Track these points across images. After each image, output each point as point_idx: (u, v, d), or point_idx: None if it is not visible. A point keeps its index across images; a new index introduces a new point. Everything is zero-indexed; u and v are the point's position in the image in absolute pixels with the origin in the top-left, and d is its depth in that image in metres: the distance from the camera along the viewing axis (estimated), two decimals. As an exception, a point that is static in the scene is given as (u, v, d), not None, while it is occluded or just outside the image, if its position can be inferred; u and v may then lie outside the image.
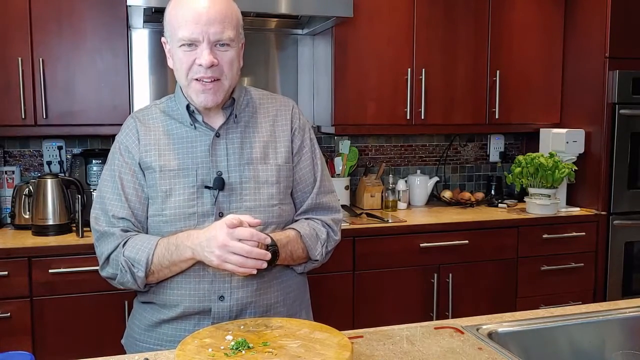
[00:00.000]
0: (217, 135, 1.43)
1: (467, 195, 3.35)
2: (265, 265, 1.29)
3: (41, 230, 2.56)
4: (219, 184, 1.39)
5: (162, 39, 1.45)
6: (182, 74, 1.38)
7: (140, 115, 1.49)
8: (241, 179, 1.42)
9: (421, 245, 2.83)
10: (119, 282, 1.41)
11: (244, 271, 1.28)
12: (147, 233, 1.45)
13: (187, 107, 1.43)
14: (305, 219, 1.53)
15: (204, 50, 1.33)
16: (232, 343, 1.15)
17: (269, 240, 1.32)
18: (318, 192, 1.54)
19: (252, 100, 1.51)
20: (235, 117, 1.46)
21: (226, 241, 1.25)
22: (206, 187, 1.40)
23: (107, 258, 1.40)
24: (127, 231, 1.40)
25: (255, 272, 1.30)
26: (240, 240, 1.26)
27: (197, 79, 1.36)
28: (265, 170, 1.45)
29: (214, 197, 1.40)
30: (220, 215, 1.40)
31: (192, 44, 1.34)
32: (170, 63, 1.44)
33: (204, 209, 1.40)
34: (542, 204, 3.05)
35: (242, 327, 1.27)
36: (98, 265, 1.44)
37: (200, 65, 1.34)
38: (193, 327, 1.39)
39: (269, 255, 1.30)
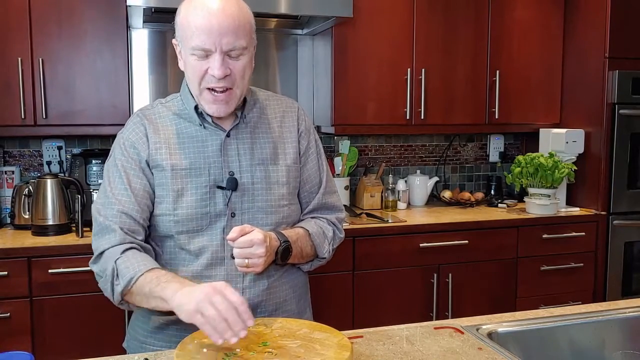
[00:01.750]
0: (228, 135, 1.43)
1: (466, 195, 3.35)
2: (243, 333, 1.13)
3: (41, 230, 2.56)
4: (232, 185, 1.39)
5: (174, 41, 1.43)
6: (194, 81, 1.37)
7: (147, 113, 1.46)
8: (253, 179, 1.42)
9: (421, 245, 2.83)
10: (100, 285, 1.36)
11: (210, 333, 1.12)
12: (153, 231, 1.43)
13: (195, 108, 1.42)
14: (311, 217, 1.55)
15: (216, 61, 1.31)
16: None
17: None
18: (324, 192, 1.56)
19: (258, 101, 1.52)
20: (245, 117, 1.46)
21: (213, 293, 1.13)
22: (219, 187, 1.40)
23: (101, 254, 1.35)
24: (127, 233, 1.35)
25: (235, 337, 1.12)
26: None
27: (208, 89, 1.35)
28: (276, 171, 1.45)
29: (226, 198, 1.39)
30: (233, 215, 1.40)
31: (204, 53, 1.32)
32: (181, 65, 1.42)
33: (216, 209, 1.39)
34: (541, 204, 3.05)
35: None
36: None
37: (213, 75, 1.32)
38: None
39: (249, 323, 1.14)
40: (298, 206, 1.53)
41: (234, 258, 1.32)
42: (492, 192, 3.53)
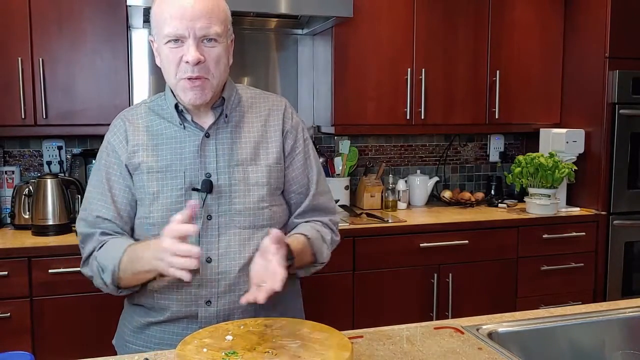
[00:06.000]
0: (207, 135, 1.40)
1: (467, 195, 3.35)
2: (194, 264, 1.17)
3: (41, 230, 2.56)
4: (207, 187, 1.36)
5: (149, 37, 1.42)
6: (170, 72, 1.35)
7: (128, 115, 1.47)
8: (230, 181, 1.39)
9: (421, 245, 2.83)
10: (96, 285, 1.40)
11: (180, 264, 1.17)
12: (133, 235, 1.43)
13: (176, 106, 1.40)
14: (305, 222, 1.50)
15: (190, 47, 1.29)
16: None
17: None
18: (315, 193, 1.50)
19: (243, 100, 1.48)
20: (226, 116, 1.42)
21: (167, 245, 1.18)
22: (194, 189, 1.37)
23: (87, 258, 1.40)
24: (107, 234, 1.38)
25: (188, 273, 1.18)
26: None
27: (184, 79, 1.33)
28: (255, 172, 1.41)
29: (202, 200, 1.36)
30: (209, 218, 1.37)
31: (178, 40, 1.31)
32: (158, 61, 1.40)
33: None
34: (542, 204, 3.05)
35: (242, 327, 1.26)
36: None
37: (187, 62, 1.30)
38: (181, 331, 1.37)
39: (193, 252, 1.16)
40: (283, 207, 1.48)
41: (209, 261, 1.35)
42: (492, 192, 3.53)
